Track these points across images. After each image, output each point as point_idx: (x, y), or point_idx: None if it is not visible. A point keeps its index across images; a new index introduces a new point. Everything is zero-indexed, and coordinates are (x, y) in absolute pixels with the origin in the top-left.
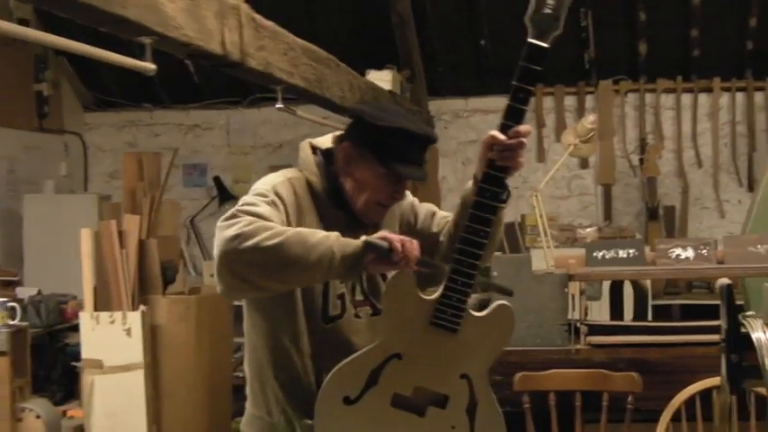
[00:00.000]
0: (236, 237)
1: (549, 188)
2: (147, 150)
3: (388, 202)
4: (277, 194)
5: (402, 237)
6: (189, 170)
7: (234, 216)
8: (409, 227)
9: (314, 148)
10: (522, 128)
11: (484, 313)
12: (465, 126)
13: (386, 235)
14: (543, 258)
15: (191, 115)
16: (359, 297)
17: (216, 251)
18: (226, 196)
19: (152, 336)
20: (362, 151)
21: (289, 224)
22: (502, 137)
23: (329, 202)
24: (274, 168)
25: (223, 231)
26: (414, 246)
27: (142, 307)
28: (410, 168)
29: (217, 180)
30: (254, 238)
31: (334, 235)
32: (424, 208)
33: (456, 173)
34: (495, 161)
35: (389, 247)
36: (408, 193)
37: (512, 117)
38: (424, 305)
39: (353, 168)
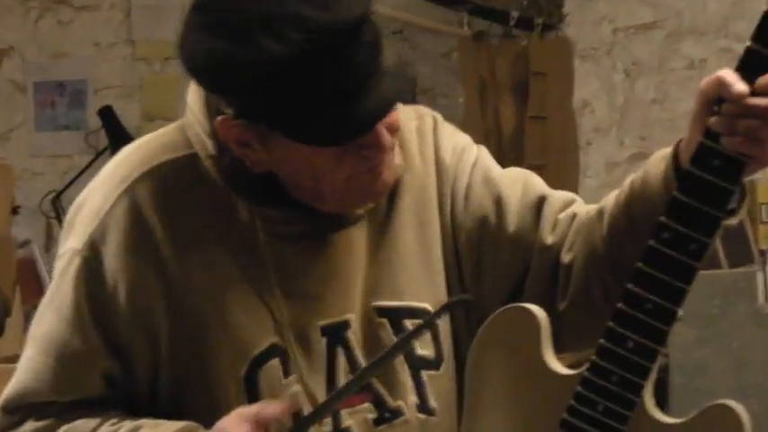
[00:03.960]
0: None
1: None
2: None
3: (372, 165)
4: (93, 263)
5: None
6: (47, 94)
7: None
8: (485, 230)
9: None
10: None
11: (682, 420)
12: None
13: None
14: None
15: None
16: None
17: None
18: None
19: None
20: (261, 129)
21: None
22: (740, 86)
23: (252, 198)
24: None
25: None
26: None
27: None
28: (361, 102)
29: (107, 115)
30: None
31: None
32: (518, 185)
33: (612, 95)
34: (719, 136)
35: None
36: (465, 141)
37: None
38: (558, 386)
39: (269, 157)
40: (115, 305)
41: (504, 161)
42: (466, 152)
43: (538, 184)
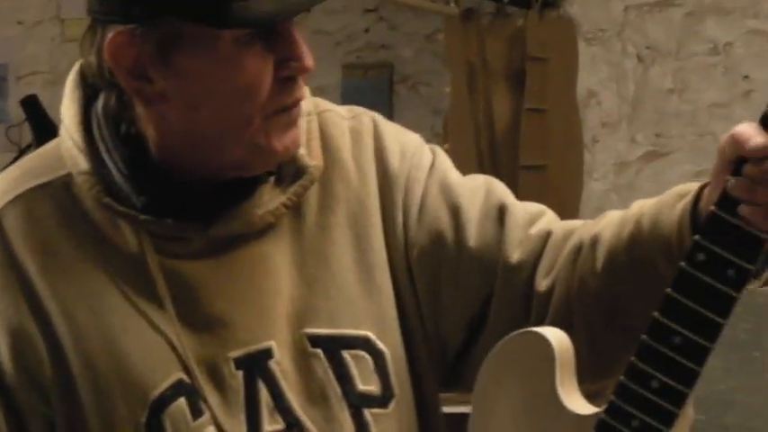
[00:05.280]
0: None
1: None
2: None
3: (290, 100)
4: None
5: None
6: None
7: None
8: (442, 246)
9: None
10: None
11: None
12: None
13: None
14: None
15: None
16: (271, 427)
17: None
18: None
19: None
20: (156, 29)
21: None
22: (759, 140)
23: (135, 212)
24: None
25: None
26: None
27: None
28: None
29: (31, 106)
30: None
31: None
32: (479, 194)
33: (623, 84)
34: (739, 199)
35: None
36: (416, 141)
37: None
38: (573, 427)
39: (169, 84)
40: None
41: (497, 160)
42: (417, 155)
43: (500, 191)
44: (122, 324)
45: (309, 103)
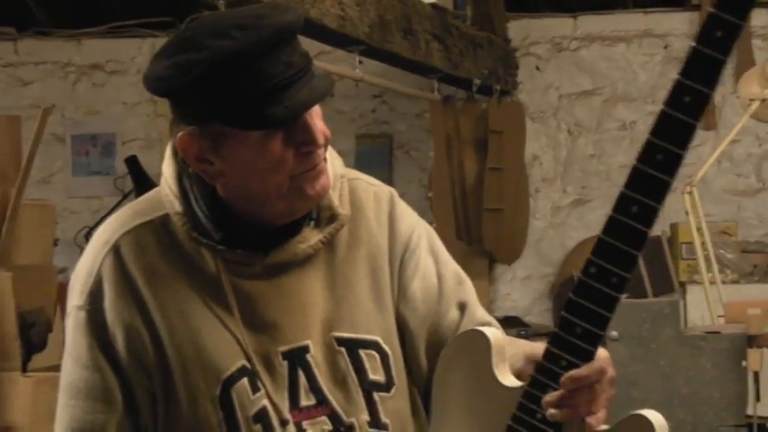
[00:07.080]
0: None
1: (719, 176)
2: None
3: (310, 164)
4: (95, 313)
5: None
6: (82, 145)
7: None
8: (426, 296)
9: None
10: (585, 371)
11: (608, 427)
12: (572, 65)
13: None
14: (705, 304)
15: (86, 48)
16: (306, 402)
17: None
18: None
19: None
20: (208, 129)
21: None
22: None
23: (214, 243)
24: None
25: None
26: None
27: None
28: (293, 94)
29: (132, 163)
30: None
31: None
32: (450, 285)
33: (557, 150)
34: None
35: None
36: (417, 217)
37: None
38: (506, 397)
39: (224, 166)
40: (117, 347)
41: (467, 205)
42: (416, 231)
43: (467, 287)
44: (203, 324)
45: (343, 169)
